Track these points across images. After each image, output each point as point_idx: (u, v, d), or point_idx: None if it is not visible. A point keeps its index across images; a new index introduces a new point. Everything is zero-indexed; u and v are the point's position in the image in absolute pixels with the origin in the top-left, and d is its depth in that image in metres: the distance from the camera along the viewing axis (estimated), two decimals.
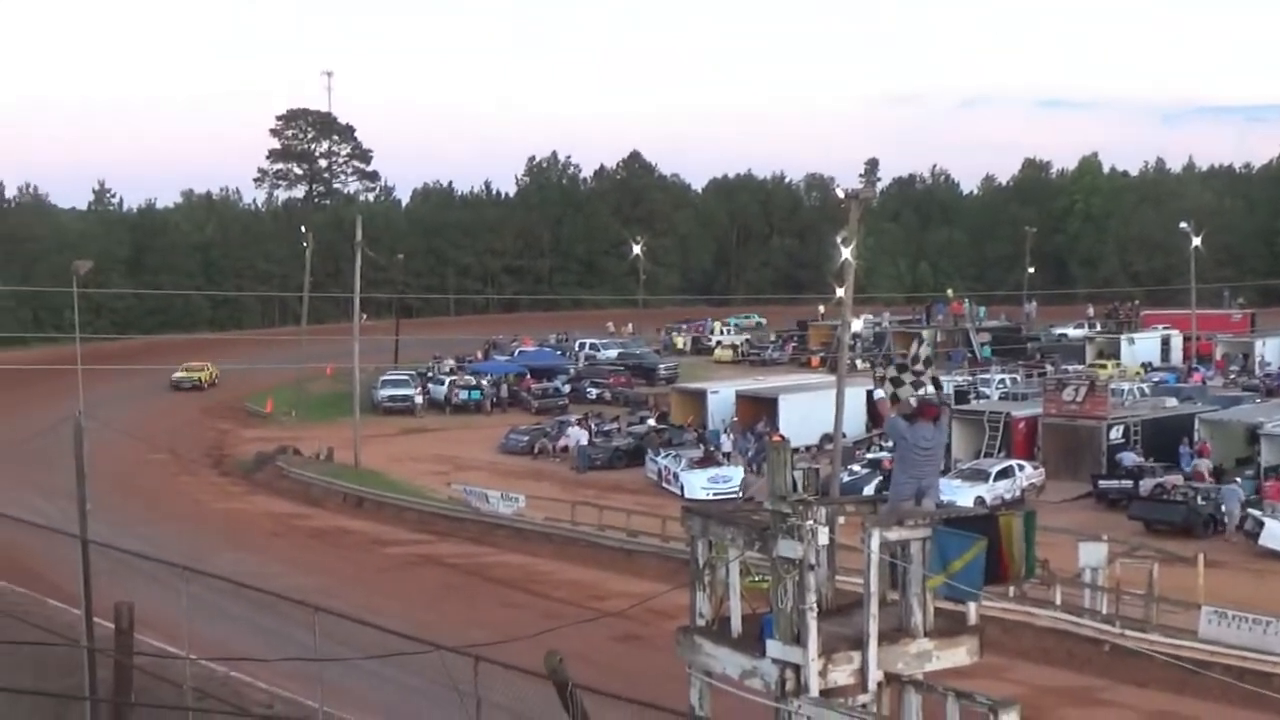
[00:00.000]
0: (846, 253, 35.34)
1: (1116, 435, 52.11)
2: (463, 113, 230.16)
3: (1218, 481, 46.87)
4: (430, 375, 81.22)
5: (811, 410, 55.22)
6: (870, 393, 21.22)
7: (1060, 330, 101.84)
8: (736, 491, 49.04)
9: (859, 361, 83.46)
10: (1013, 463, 50.45)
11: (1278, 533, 40.54)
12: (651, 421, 65.18)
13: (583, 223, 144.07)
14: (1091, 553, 32.39)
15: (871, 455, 51.47)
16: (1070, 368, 78.31)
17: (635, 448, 59.13)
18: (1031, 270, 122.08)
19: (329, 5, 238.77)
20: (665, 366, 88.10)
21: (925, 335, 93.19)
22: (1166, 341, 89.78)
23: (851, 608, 12.40)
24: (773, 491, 11.99)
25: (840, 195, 42.76)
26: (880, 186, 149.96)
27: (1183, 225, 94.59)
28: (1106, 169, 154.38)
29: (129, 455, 57.77)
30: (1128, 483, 47.79)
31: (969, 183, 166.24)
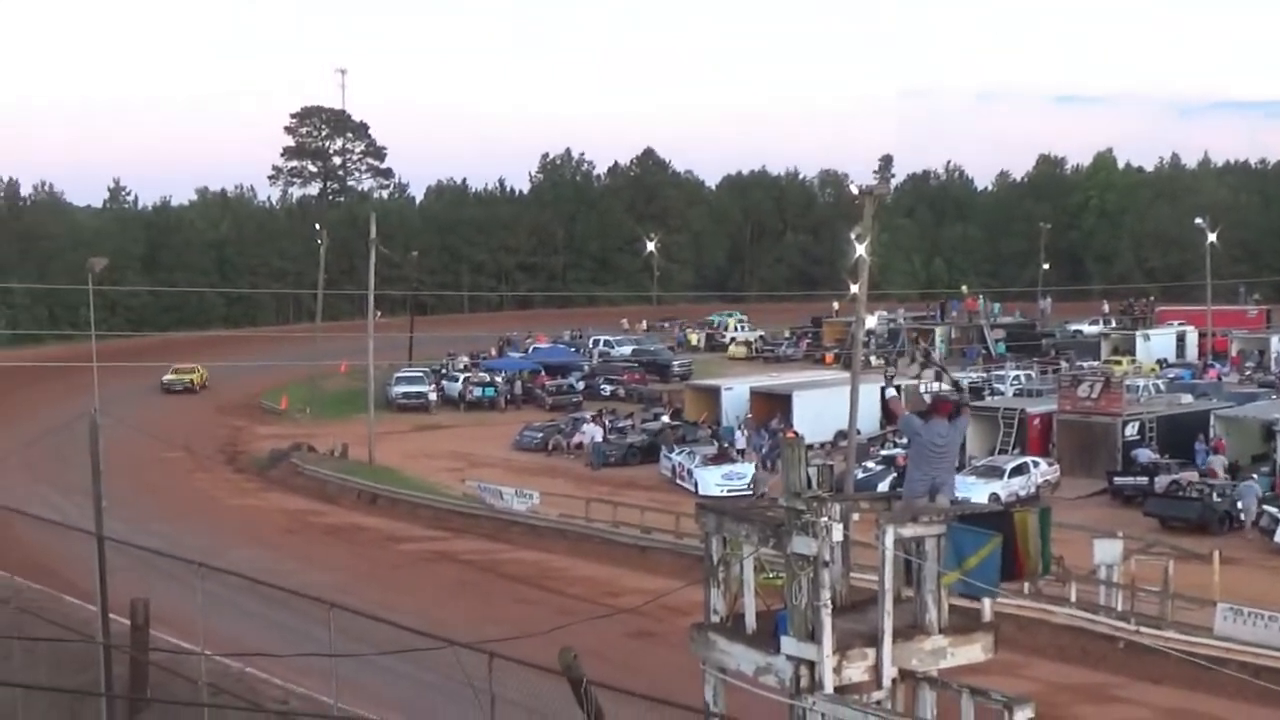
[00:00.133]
0: (861, 249, 35.26)
1: (1132, 432, 51.94)
2: (476, 110, 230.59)
3: (1233, 478, 46.70)
4: (445, 372, 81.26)
5: (826, 407, 55.09)
6: (884, 390, 21.17)
7: (1075, 327, 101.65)
8: (748, 488, 49.02)
9: (873, 358, 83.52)
10: (1027, 459, 50.33)
11: None
12: (666, 418, 65.11)
13: (596, 220, 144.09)
14: (1107, 549, 32.31)
15: (886, 452, 51.37)
16: (1085, 364, 78.10)
17: (649, 444, 59.09)
18: (1046, 266, 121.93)
19: (342, 3, 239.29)
20: (679, 363, 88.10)
21: (939, 331, 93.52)
22: (1182, 338, 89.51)
23: (866, 604, 12.40)
24: (787, 488, 11.98)
25: (854, 191, 42.66)
26: (894, 183, 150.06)
27: (1198, 221, 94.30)
28: (1121, 165, 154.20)
29: (144, 452, 57.82)
30: (1143, 479, 47.64)
31: (983, 179, 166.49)
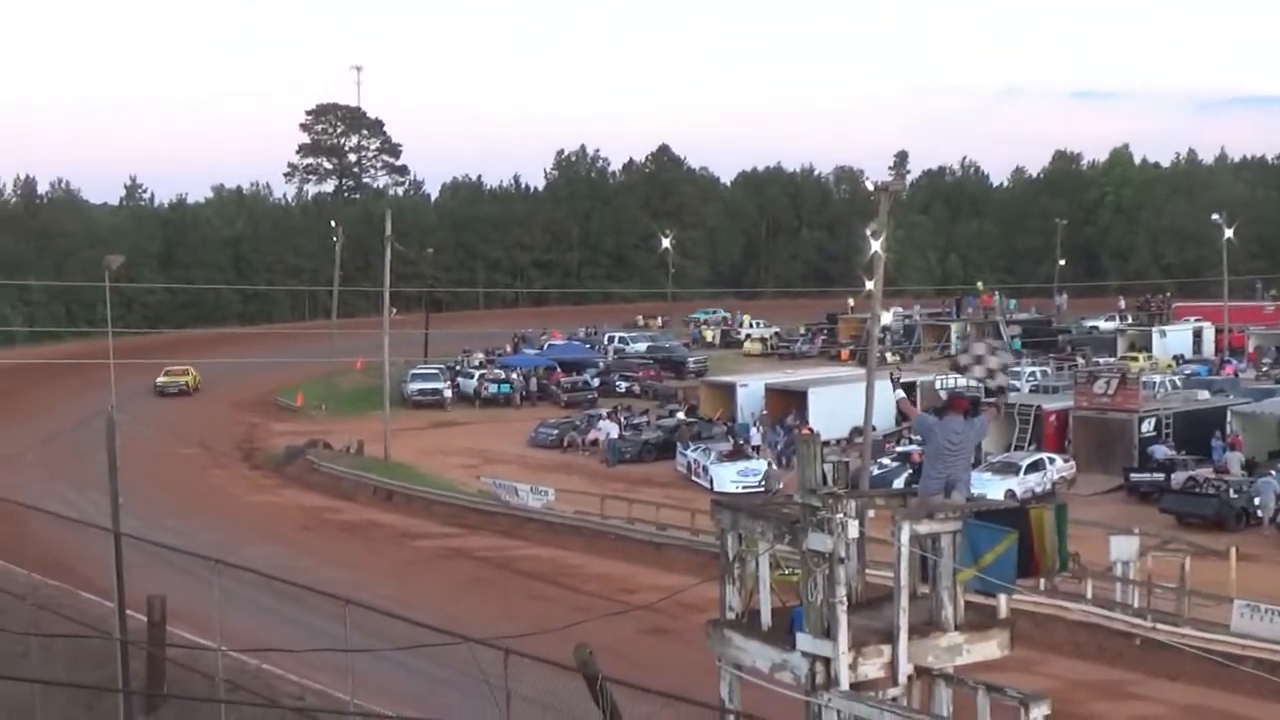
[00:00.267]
0: (876, 245, 35.13)
1: (1148, 428, 51.80)
2: (492, 107, 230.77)
3: (1250, 474, 46.54)
4: (460, 369, 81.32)
5: (841, 403, 55.02)
6: (894, 384, 21.11)
7: (1091, 323, 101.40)
8: (760, 484, 49.02)
9: (889, 354, 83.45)
10: (1043, 456, 50.23)
11: None
12: (681, 415, 65.09)
13: (611, 216, 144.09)
14: (1123, 546, 32.23)
15: (901, 448, 51.30)
16: (1102, 360, 77.92)
17: (665, 441, 59.04)
18: (1062, 262, 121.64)
19: (358, 1, 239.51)
20: (694, 360, 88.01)
21: (954, 328, 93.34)
22: (1198, 334, 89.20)
23: (882, 601, 12.39)
24: (803, 485, 11.98)
25: (870, 187, 42.65)
26: (910, 179, 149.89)
27: (1215, 217, 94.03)
28: (1138, 160, 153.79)
29: (160, 449, 58.02)
30: (1159, 476, 47.52)
31: (999, 175, 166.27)
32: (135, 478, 34.19)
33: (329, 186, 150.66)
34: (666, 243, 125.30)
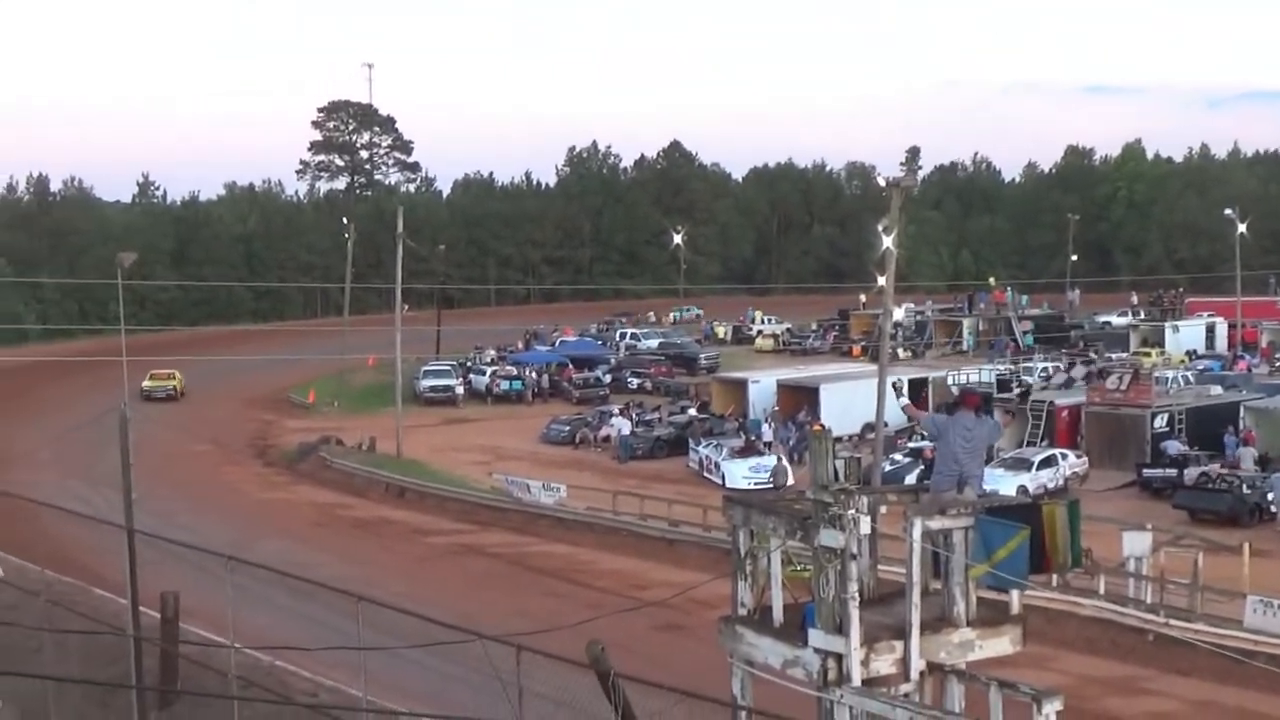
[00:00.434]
0: (888, 241, 35.10)
1: (1161, 424, 51.71)
2: (503, 103, 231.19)
3: (1264, 470, 46.42)
4: (472, 366, 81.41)
5: (853, 399, 55.07)
6: (897, 392, 20.99)
7: (1104, 318, 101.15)
8: (770, 480, 49.08)
9: (900, 350, 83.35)
10: (1056, 451, 50.18)
11: None
12: (693, 411, 65.07)
13: (623, 213, 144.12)
14: (1136, 542, 32.20)
15: (913, 444, 51.28)
16: (1114, 356, 77.75)
17: (676, 437, 59.03)
18: (1074, 258, 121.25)
19: None
20: (706, 356, 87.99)
21: (966, 324, 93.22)
22: (1211, 329, 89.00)
23: (893, 597, 12.39)
24: (815, 481, 11.97)
25: (881, 183, 42.55)
26: (921, 174, 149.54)
27: (1227, 211, 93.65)
28: (1150, 155, 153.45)
29: (173, 446, 58.23)
30: (1172, 471, 47.42)
31: (1011, 170, 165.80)
32: (148, 475, 34.29)
33: (341, 183, 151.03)
34: (678, 239, 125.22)
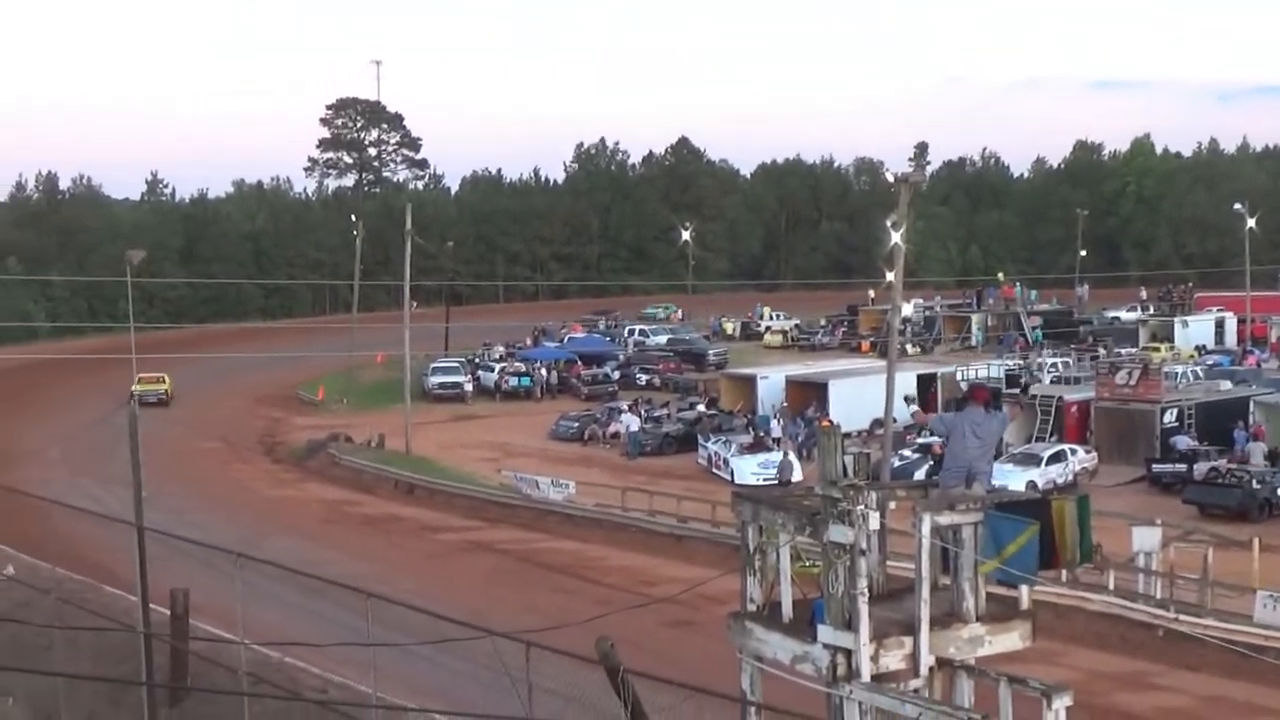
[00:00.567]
0: (896, 237, 35.12)
1: (1170, 419, 51.65)
2: (511, 100, 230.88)
3: (1273, 465, 46.36)
4: (480, 362, 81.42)
5: (861, 395, 55.01)
6: (906, 398, 20.86)
7: (1113, 313, 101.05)
8: (776, 475, 49.10)
9: (909, 346, 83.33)
10: (1065, 447, 50.13)
11: None
12: (701, 407, 65.05)
13: (631, 209, 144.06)
14: (1145, 537, 32.16)
15: (922, 440, 51.26)
16: (1123, 351, 77.66)
17: (685, 433, 59.03)
18: (1083, 253, 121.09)
19: None
20: (715, 352, 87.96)
21: (975, 319, 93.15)
22: (1220, 324, 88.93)
23: (903, 593, 12.37)
24: (824, 476, 11.96)
25: (890, 179, 42.55)
26: (930, 170, 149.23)
27: (1236, 206, 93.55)
28: (1159, 150, 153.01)
29: (182, 443, 58.32)
30: (1182, 467, 47.37)
31: (1020, 165, 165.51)
32: (158, 472, 34.37)
33: (349, 181, 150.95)
34: (686, 235, 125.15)
